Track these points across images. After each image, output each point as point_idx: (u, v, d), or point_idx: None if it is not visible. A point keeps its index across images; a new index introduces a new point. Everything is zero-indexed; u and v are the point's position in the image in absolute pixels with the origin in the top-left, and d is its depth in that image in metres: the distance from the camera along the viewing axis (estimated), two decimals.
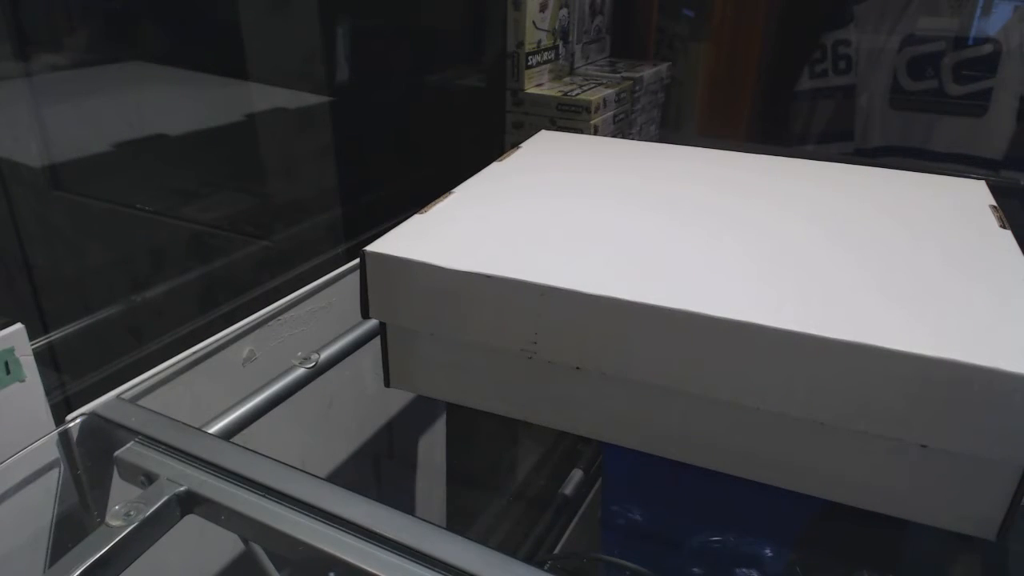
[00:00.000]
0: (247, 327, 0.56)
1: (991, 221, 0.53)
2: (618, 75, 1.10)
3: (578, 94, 0.96)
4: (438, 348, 0.50)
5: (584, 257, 0.47)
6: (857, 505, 0.43)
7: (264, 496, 0.38)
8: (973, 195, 0.58)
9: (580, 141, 0.74)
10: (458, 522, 1.04)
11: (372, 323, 0.59)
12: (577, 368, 0.46)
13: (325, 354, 0.54)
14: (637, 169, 0.64)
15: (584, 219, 0.53)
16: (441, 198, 0.56)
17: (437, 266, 0.45)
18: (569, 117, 0.94)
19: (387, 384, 0.53)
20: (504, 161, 0.66)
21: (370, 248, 0.47)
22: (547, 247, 0.48)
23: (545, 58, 1.01)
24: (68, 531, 0.45)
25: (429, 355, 0.51)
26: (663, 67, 1.21)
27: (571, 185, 0.60)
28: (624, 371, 0.44)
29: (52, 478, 0.43)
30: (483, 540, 0.34)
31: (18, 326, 0.40)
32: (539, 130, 0.80)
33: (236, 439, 0.46)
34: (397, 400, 0.81)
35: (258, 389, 0.50)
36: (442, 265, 0.45)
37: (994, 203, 0.56)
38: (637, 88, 1.09)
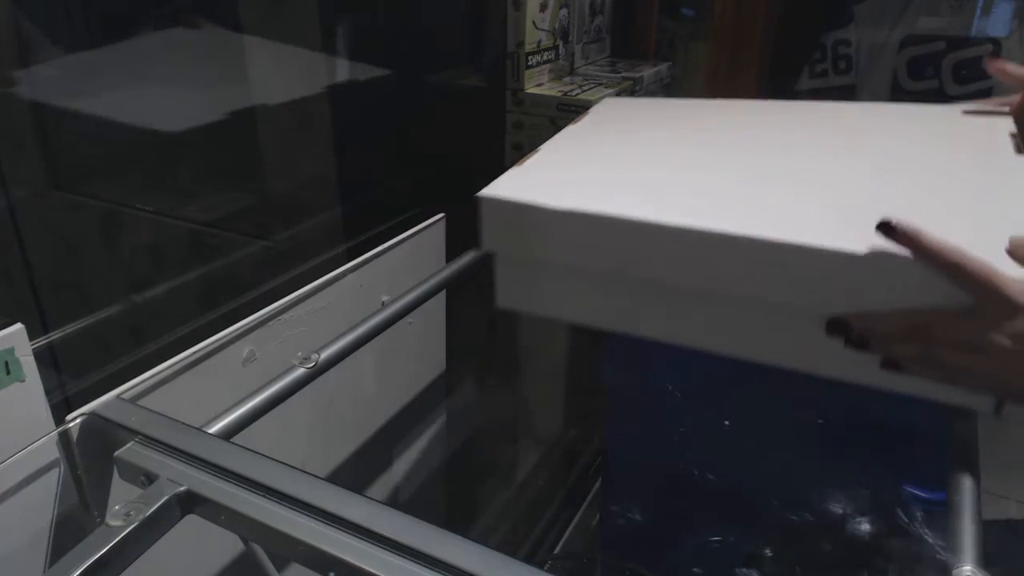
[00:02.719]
0: (247, 327, 0.56)
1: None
2: (618, 75, 1.10)
3: (578, 94, 0.96)
4: (541, 272, 0.60)
5: (664, 192, 0.56)
6: (873, 384, 0.50)
7: (264, 496, 0.38)
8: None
9: (649, 104, 0.80)
10: (458, 522, 1.04)
11: (372, 323, 0.59)
12: (663, 285, 0.55)
13: (325, 354, 0.54)
14: (712, 120, 0.73)
15: (664, 163, 0.62)
16: (531, 153, 0.65)
17: (538, 206, 0.55)
18: (569, 117, 0.94)
19: (497, 304, 0.63)
20: (579, 123, 0.74)
21: (482, 193, 0.58)
22: (633, 185, 0.58)
23: (545, 58, 1.01)
24: (68, 531, 0.45)
25: (532, 278, 0.61)
26: (663, 67, 1.21)
27: (649, 136, 0.69)
28: (701, 286, 0.53)
29: (52, 478, 0.43)
30: (483, 540, 0.34)
31: (18, 326, 0.40)
32: (539, 130, 0.81)
33: (236, 439, 0.46)
34: (397, 400, 0.81)
35: (258, 389, 0.50)
36: (542, 204, 0.55)
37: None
38: (637, 88, 1.09)
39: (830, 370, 0.51)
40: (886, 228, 0.44)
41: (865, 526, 0.70)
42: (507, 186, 0.59)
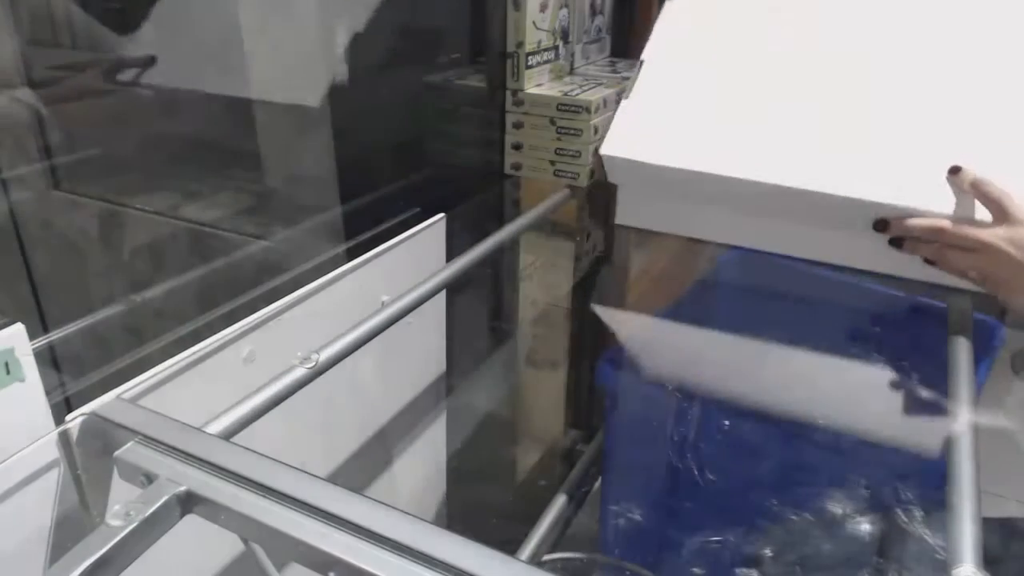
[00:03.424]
0: (247, 327, 0.56)
1: None
2: (618, 75, 1.10)
3: (578, 94, 0.96)
4: (652, 199, 0.77)
5: (754, 141, 0.69)
6: (917, 277, 0.69)
7: (264, 496, 0.38)
8: None
9: None
10: (458, 522, 1.04)
11: (372, 323, 0.59)
12: (750, 211, 0.71)
13: (325, 354, 0.54)
14: (801, 22, 0.78)
15: (759, 95, 0.73)
16: (634, 81, 0.78)
17: (651, 163, 0.72)
18: (569, 117, 0.94)
19: (616, 221, 0.80)
20: (667, 20, 0.82)
21: (603, 151, 0.75)
22: (730, 132, 0.71)
23: (545, 58, 1.01)
24: (68, 531, 0.45)
25: (646, 203, 0.78)
26: None
27: (741, 57, 0.77)
28: (782, 212, 0.70)
29: (52, 478, 0.43)
30: (483, 540, 0.34)
31: (18, 326, 0.40)
32: (539, 130, 0.81)
33: (236, 439, 0.46)
34: (397, 400, 0.81)
35: (258, 389, 0.50)
36: (654, 163, 0.72)
37: None
38: None
39: (870, 265, 0.70)
40: (954, 170, 0.64)
41: (865, 526, 0.70)
42: (622, 138, 0.74)
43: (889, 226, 0.67)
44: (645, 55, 0.79)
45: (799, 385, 0.78)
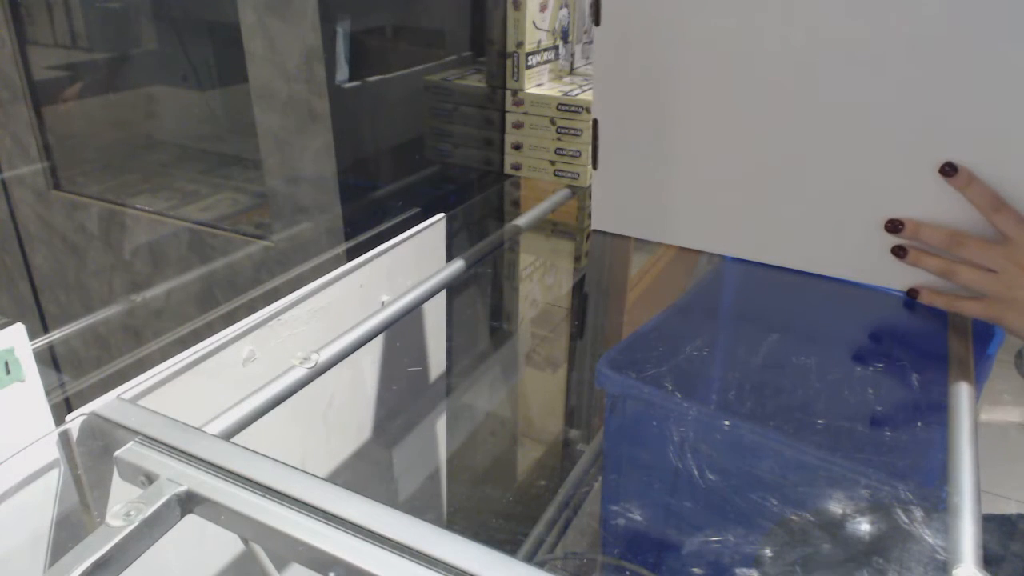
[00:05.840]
0: (247, 327, 0.56)
1: None
2: None
3: (578, 94, 0.96)
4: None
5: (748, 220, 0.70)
6: (896, 288, 0.66)
7: (264, 496, 0.38)
8: None
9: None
10: (458, 522, 1.04)
11: (372, 323, 0.59)
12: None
13: (325, 354, 0.54)
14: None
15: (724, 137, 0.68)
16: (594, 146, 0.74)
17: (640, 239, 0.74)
18: (569, 117, 0.94)
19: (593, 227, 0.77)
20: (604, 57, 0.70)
21: (593, 227, 0.75)
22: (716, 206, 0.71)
23: (545, 58, 1.01)
24: (68, 531, 0.45)
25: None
26: None
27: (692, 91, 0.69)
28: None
29: (52, 478, 0.43)
30: (483, 540, 0.34)
31: (18, 326, 0.40)
32: (539, 130, 0.81)
33: (236, 439, 0.46)
34: (397, 400, 0.81)
35: (258, 389, 0.50)
36: (646, 239, 0.74)
37: None
38: None
39: (863, 278, 0.67)
40: (947, 169, 0.57)
41: (865, 526, 0.70)
42: (605, 211, 0.75)
43: (903, 226, 0.61)
44: (595, 111, 0.73)
45: (799, 385, 0.78)
